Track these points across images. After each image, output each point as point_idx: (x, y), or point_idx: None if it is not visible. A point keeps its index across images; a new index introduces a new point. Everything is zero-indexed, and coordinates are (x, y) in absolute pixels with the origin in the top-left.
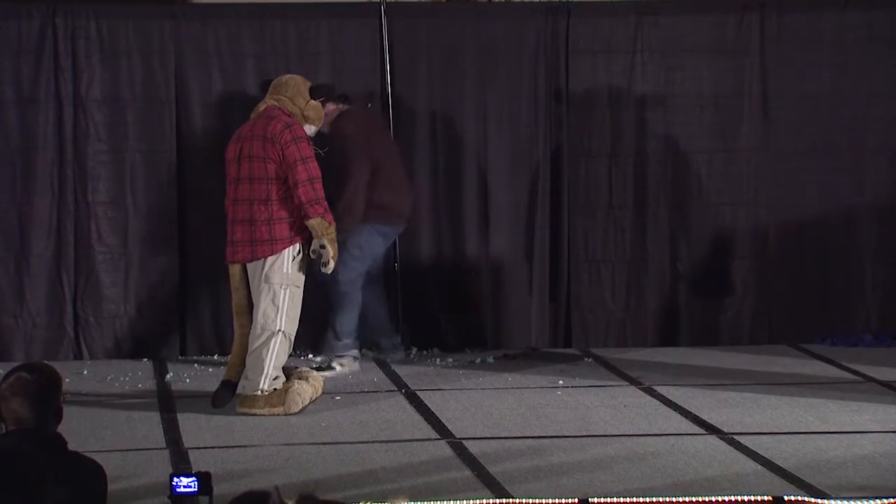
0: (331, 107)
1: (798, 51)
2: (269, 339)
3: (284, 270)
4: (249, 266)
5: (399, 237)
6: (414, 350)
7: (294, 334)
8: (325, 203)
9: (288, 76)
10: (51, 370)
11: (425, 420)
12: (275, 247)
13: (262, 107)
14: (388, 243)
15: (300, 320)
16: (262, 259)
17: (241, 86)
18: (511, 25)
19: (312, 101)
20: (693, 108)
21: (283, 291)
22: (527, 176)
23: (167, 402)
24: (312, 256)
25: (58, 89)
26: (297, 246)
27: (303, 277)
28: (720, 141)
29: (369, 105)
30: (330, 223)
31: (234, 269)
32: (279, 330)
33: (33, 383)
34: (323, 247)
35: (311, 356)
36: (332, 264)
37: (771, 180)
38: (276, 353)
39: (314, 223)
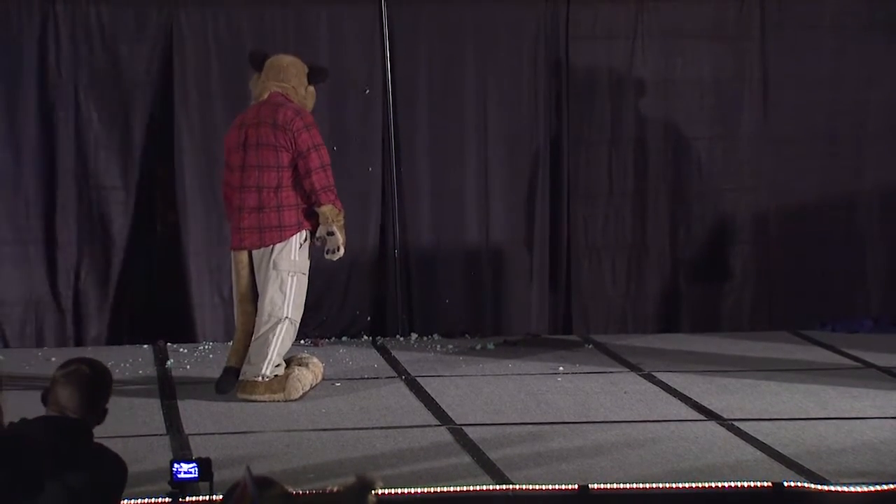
0: None
1: (798, 35)
2: (275, 325)
3: (292, 257)
4: (256, 253)
5: (400, 223)
6: (414, 336)
7: (299, 321)
8: (336, 190)
9: (288, 60)
10: (108, 372)
11: (425, 406)
12: (283, 233)
13: (265, 93)
14: None
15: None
16: (271, 246)
17: (240, 72)
18: (511, 11)
19: (310, 88)
20: (693, 94)
21: (290, 278)
22: (527, 162)
23: (168, 389)
24: (318, 244)
25: (59, 77)
26: (304, 233)
27: (308, 264)
28: (720, 126)
29: (366, 91)
30: (340, 210)
31: (240, 256)
32: (286, 317)
33: (89, 378)
34: (331, 233)
35: (302, 342)
36: (341, 251)
37: (771, 165)
38: (281, 340)
39: (325, 210)
